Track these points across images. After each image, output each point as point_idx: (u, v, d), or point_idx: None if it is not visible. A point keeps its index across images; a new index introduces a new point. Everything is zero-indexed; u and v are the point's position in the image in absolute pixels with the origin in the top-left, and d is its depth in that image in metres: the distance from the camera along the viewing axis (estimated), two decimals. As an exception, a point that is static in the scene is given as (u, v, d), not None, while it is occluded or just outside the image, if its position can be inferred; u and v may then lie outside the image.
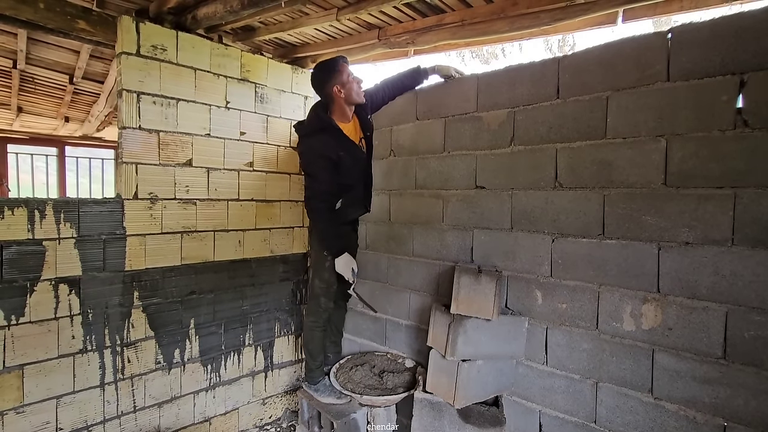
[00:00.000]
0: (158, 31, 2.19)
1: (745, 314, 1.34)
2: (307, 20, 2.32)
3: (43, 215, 1.88)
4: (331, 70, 2.07)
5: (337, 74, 2.05)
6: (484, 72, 2.02)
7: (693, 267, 1.44)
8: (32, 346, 1.88)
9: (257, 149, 2.66)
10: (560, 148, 1.74)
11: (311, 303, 2.34)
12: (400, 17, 2.34)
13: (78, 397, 2.02)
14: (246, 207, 2.62)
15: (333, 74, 2.06)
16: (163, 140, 2.24)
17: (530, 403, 1.86)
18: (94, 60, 3.22)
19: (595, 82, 1.64)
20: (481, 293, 1.76)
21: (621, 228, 1.59)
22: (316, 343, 2.31)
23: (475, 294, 1.77)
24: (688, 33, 1.44)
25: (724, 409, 1.38)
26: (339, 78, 2.06)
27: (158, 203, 2.24)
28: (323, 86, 2.10)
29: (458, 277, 1.85)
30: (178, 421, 2.37)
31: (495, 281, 1.74)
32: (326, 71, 2.09)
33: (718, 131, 1.38)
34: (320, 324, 2.33)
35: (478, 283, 1.78)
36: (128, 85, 2.11)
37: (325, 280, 2.26)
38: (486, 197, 2.00)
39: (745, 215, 1.34)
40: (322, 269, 2.26)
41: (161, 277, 2.26)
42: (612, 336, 1.62)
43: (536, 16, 1.99)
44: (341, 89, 2.07)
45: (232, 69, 2.50)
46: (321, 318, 2.32)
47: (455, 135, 2.12)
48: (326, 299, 2.28)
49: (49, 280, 1.91)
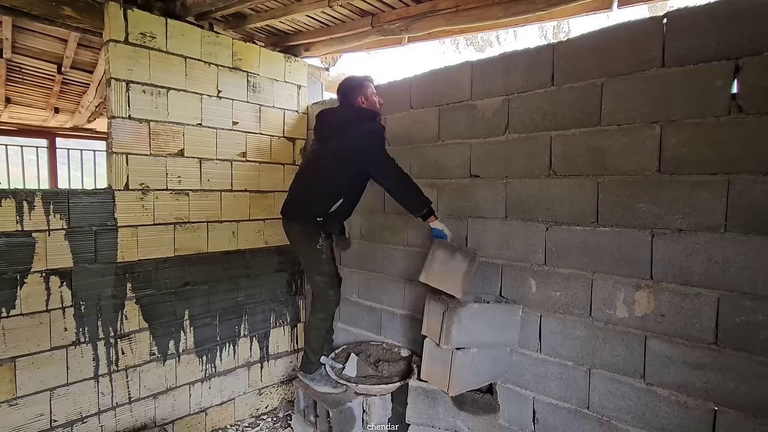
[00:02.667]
0: (147, 18, 2.15)
1: (737, 300, 1.35)
2: (299, 6, 2.28)
3: (32, 206, 1.86)
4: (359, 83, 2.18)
5: (363, 87, 2.16)
6: (479, 59, 2.00)
7: (686, 254, 1.44)
8: (24, 339, 1.87)
9: (250, 139, 2.63)
10: (555, 135, 1.73)
11: (319, 302, 2.23)
12: (393, 3, 2.30)
13: (72, 389, 2.01)
14: (240, 198, 2.60)
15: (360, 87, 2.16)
16: (153, 130, 2.20)
17: (524, 390, 1.88)
18: (82, 49, 3.16)
19: (590, 68, 1.63)
20: (453, 270, 1.76)
21: (615, 215, 1.59)
22: (321, 340, 2.27)
23: (446, 268, 1.78)
24: (684, 18, 1.43)
25: (715, 393, 1.40)
26: (363, 91, 2.16)
27: (150, 194, 2.21)
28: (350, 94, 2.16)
29: (434, 250, 1.87)
30: (173, 412, 2.37)
31: (469, 260, 1.74)
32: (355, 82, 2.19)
33: (713, 117, 1.38)
34: (329, 321, 2.29)
35: (452, 259, 1.78)
36: (117, 74, 2.07)
37: (325, 273, 2.19)
38: (480, 186, 1.99)
39: (739, 201, 1.34)
40: (318, 263, 2.18)
41: (154, 268, 2.25)
42: (605, 323, 1.63)
43: (531, 1, 1.96)
44: (365, 101, 2.16)
45: (224, 57, 2.46)
46: (332, 312, 2.27)
47: (449, 123, 2.10)
48: (333, 291, 2.22)
49: (40, 272, 1.89)
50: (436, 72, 2.16)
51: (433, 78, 2.18)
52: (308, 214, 2.14)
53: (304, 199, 2.17)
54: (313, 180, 2.15)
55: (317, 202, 2.12)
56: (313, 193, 2.14)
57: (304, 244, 2.20)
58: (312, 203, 2.13)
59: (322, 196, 2.12)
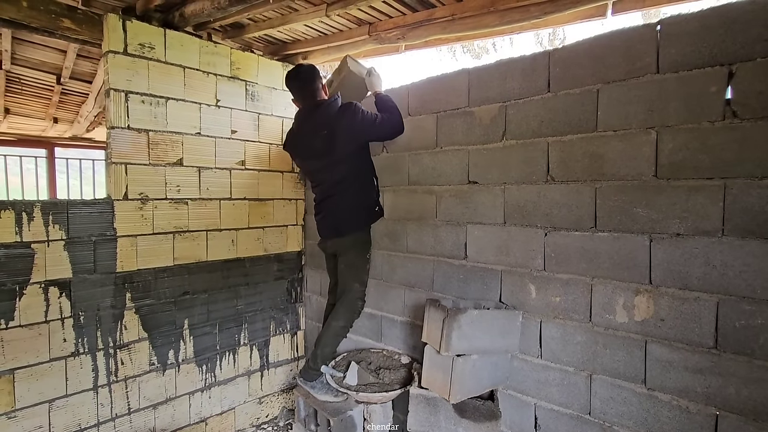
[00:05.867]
0: (145, 29, 2.17)
1: (736, 304, 1.35)
2: (297, 16, 2.30)
3: (31, 217, 1.86)
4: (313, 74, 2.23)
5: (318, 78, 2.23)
6: (476, 66, 2.01)
7: (684, 258, 1.44)
8: (23, 350, 1.86)
9: (249, 147, 2.64)
10: (552, 141, 1.74)
11: (347, 310, 2.25)
12: (390, 12, 2.33)
13: (71, 400, 2.00)
14: (239, 206, 2.60)
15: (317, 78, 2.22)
16: (152, 140, 2.21)
17: (525, 397, 1.87)
18: (81, 59, 3.18)
19: (586, 75, 1.64)
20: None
21: (613, 220, 1.59)
22: (335, 347, 2.28)
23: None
24: (678, 24, 1.44)
25: (716, 398, 1.40)
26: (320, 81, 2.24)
27: (149, 203, 2.21)
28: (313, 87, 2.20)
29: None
30: (173, 422, 2.36)
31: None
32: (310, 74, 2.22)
33: (708, 122, 1.39)
34: (348, 329, 2.30)
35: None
36: (116, 85, 2.09)
37: (363, 283, 2.29)
38: (479, 192, 2.00)
39: (735, 206, 1.35)
40: (362, 272, 2.28)
41: (153, 277, 2.24)
42: (605, 328, 1.63)
43: (526, 9, 1.98)
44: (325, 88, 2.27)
45: (222, 67, 2.47)
46: (353, 322, 2.31)
47: (447, 130, 2.11)
48: (362, 302, 2.30)
49: (39, 283, 1.89)
50: (433, 79, 2.18)
51: (430, 85, 2.19)
52: (360, 217, 2.28)
53: (350, 207, 2.24)
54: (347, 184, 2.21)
55: (366, 194, 2.29)
56: (358, 191, 2.25)
57: (353, 253, 2.27)
58: (362, 199, 2.27)
59: (367, 184, 2.29)
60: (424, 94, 2.21)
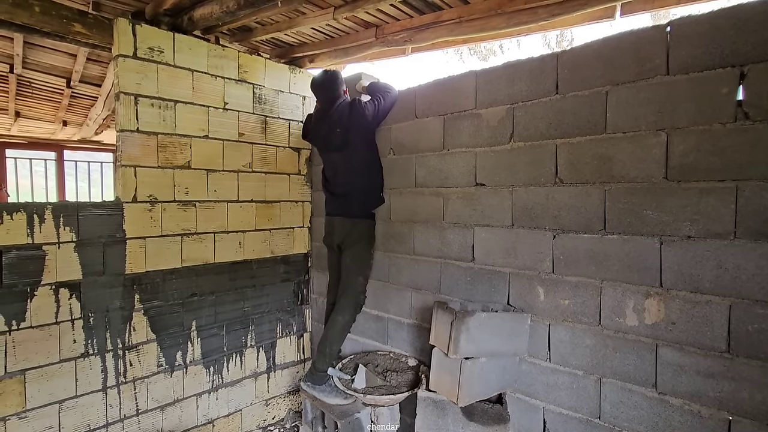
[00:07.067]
0: (155, 33, 2.19)
1: (749, 307, 1.34)
2: (304, 20, 2.31)
3: (42, 219, 1.88)
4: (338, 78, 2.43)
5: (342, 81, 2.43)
6: (483, 69, 2.01)
7: (695, 261, 1.43)
8: (34, 351, 1.88)
9: (256, 150, 2.65)
10: (560, 143, 1.74)
11: (350, 303, 2.36)
12: (397, 15, 2.33)
13: (80, 401, 2.01)
14: (246, 208, 2.61)
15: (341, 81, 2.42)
16: (161, 142, 2.23)
17: (534, 400, 1.86)
18: (91, 63, 3.21)
19: (594, 76, 1.64)
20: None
21: (622, 223, 1.58)
22: (341, 343, 2.38)
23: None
24: (687, 26, 1.43)
25: (729, 402, 1.38)
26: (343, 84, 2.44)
27: (157, 206, 2.23)
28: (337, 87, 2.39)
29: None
30: (181, 424, 2.36)
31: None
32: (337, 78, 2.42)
33: (719, 124, 1.38)
34: (352, 324, 2.41)
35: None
36: (126, 88, 2.11)
37: (367, 277, 2.44)
38: (486, 194, 1.99)
39: (747, 208, 1.33)
40: (366, 267, 2.42)
41: (162, 279, 2.26)
42: (615, 331, 1.62)
43: (534, 11, 1.98)
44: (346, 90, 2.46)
45: (230, 70, 2.49)
46: (356, 318, 2.42)
47: (454, 132, 2.11)
48: (364, 295, 2.46)
49: (50, 284, 1.90)
50: (440, 82, 2.18)
51: (437, 87, 2.19)
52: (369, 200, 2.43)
53: (361, 190, 2.41)
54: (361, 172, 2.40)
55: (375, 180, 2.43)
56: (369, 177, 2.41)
57: (361, 246, 2.39)
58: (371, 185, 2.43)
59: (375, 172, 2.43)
60: (431, 96, 2.21)
